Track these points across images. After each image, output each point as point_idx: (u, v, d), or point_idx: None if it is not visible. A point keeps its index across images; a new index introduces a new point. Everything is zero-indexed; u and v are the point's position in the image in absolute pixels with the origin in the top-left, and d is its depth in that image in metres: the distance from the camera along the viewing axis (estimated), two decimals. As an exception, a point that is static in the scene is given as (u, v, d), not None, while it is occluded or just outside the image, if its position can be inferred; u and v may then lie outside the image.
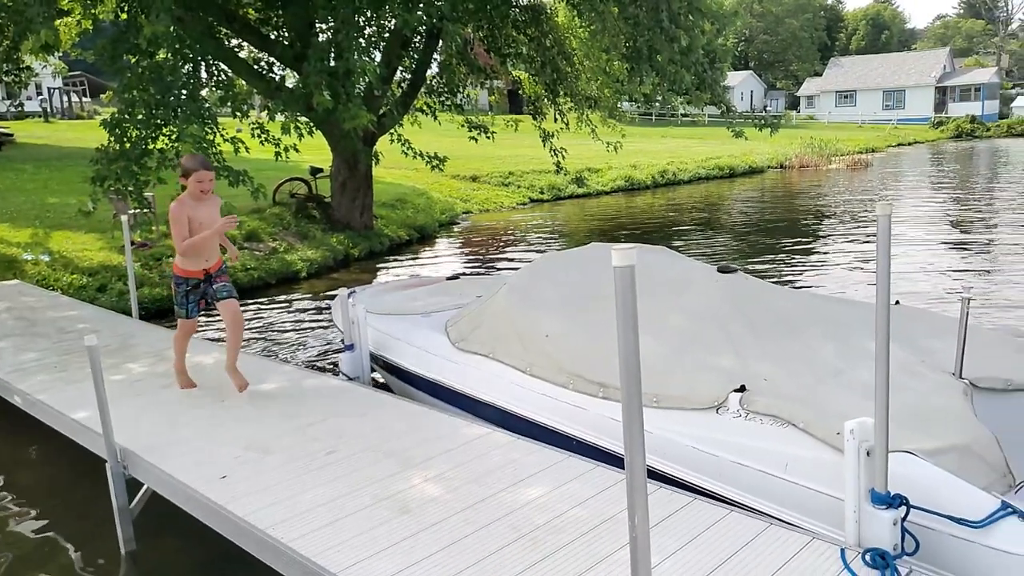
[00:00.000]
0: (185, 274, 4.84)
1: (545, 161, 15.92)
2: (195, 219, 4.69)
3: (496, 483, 3.59)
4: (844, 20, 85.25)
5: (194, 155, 4.75)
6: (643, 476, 1.96)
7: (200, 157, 4.76)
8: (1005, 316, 8.10)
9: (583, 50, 13.71)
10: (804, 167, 30.47)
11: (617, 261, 1.90)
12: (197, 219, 4.70)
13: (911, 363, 3.81)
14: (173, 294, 4.96)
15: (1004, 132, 52.78)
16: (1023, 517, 2.81)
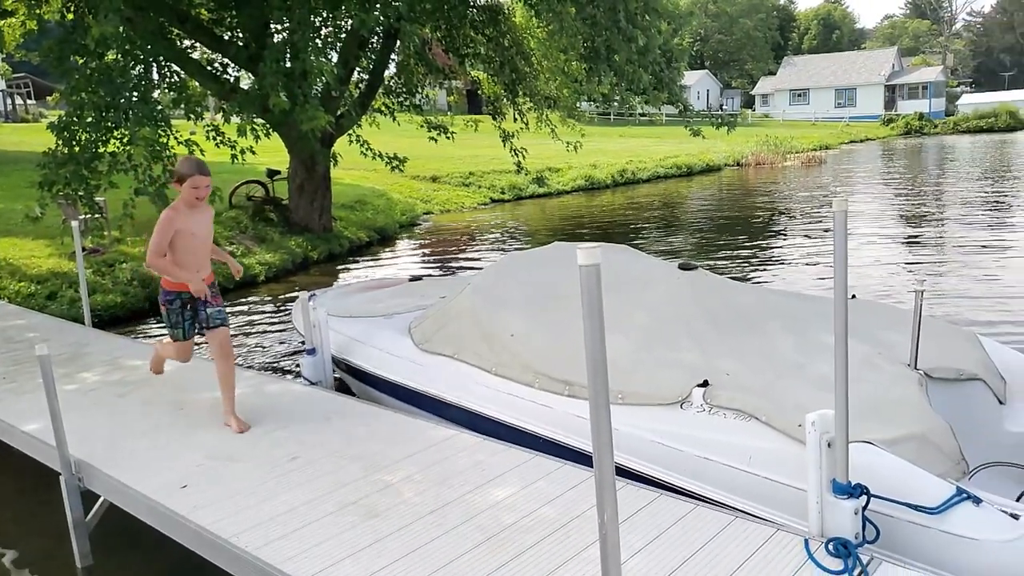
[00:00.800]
0: (177, 288, 4.34)
1: (505, 161, 15.95)
2: (186, 230, 4.24)
3: (463, 485, 3.58)
4: (796, 20, 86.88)
5: (189, 158, 4.30)
6: (611, 473, 1.97)
7: (196, 160, 4.28)
8: (956, 307, 8.33)
9: (541, 50, 13.74)
10: (760, 165, 30.97)
11: (583, 260, 1.91)
12: (188, 230, 4.26)
13: (868, 355, 3.90)
14: (163, 313, 4.42)
15: (951, 129, 54.32)
16: (977, 502, 2.89)
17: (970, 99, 61.95)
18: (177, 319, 4.41)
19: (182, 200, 4.26)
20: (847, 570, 2.72)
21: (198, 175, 4.20)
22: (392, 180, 19.70)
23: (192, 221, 4.26)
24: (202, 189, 4.22)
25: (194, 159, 4.27)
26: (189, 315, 4.42)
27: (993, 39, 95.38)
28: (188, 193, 4.21)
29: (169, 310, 4.39)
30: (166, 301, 4.39)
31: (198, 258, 4.37)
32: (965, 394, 3.93)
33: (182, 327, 4.44)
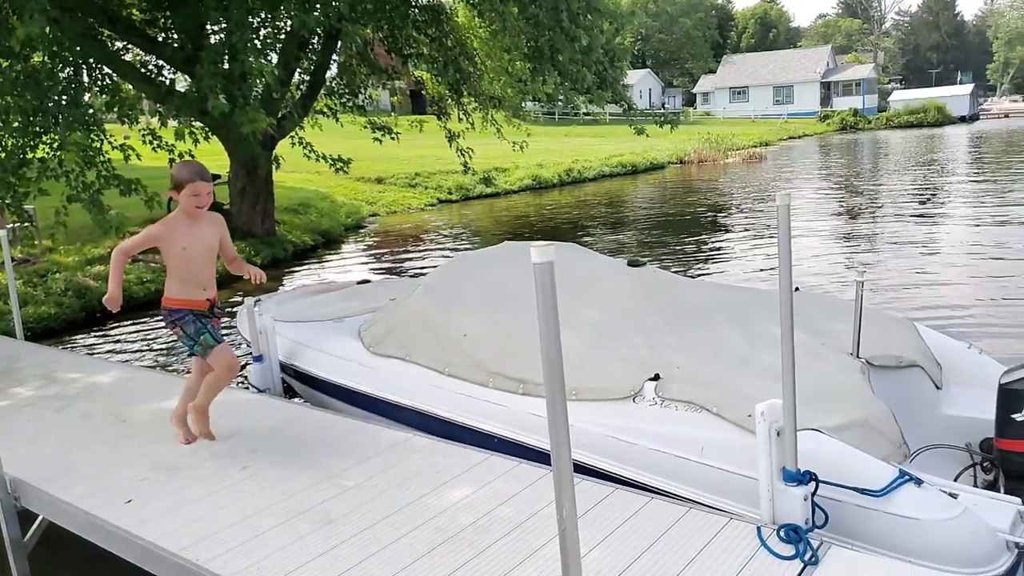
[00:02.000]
0: (187, 304, 3.95)
1: (452, 161, 15.91)
2: (177, 241, 3.81)
3: (419, 487, 3.55)
4: (734, 19, 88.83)
5: (188, 162, 3.90)
6: (569, 469, 1.97)
7: (195, 164, 3.88)
8: (894, 296, 8.61)
9: (485, 50, 13.72)
10: (703, 162, 31.55)
11: (536, 258, 1.91)
12: (180, 242, 3.82)
13: (813, 345, 4.00)
14: (179, 335, 3.95)
15: (884, 124, 56.27)
16: (918, 483, 2.98)
17: (900, 95, 64.23)
18: (197, 325, 3.95)
19: (181, 211, 3.87)
20: (798, 555, 2.78)
21: (199, 181, 3.80)
22: (336, 182, 19.47)
23: (187, 234, 3.85)
24: (203, 196, 3.83)
25: (193, 163, 3.90)
26: (207, 322, 3.99)
27: (920, 38, 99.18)
28: (188, 202, 3.81)
29: (184, 326, 3.93)
30: (176, 320, 3.91)
31: (198, 275, 3.93)
32: (904, 380, 4.06)
33: (207, 331, 3.97)
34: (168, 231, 3.83)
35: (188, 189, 3.79)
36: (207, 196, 3.84)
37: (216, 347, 3.97)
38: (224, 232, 4.09)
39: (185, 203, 3.83)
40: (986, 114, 63.39)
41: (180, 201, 3.83)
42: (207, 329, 3.95)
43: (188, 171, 3.81)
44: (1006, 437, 3.42)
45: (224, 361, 4.00)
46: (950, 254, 10.85)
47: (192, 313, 3.94)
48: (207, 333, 3.95)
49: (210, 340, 3.95)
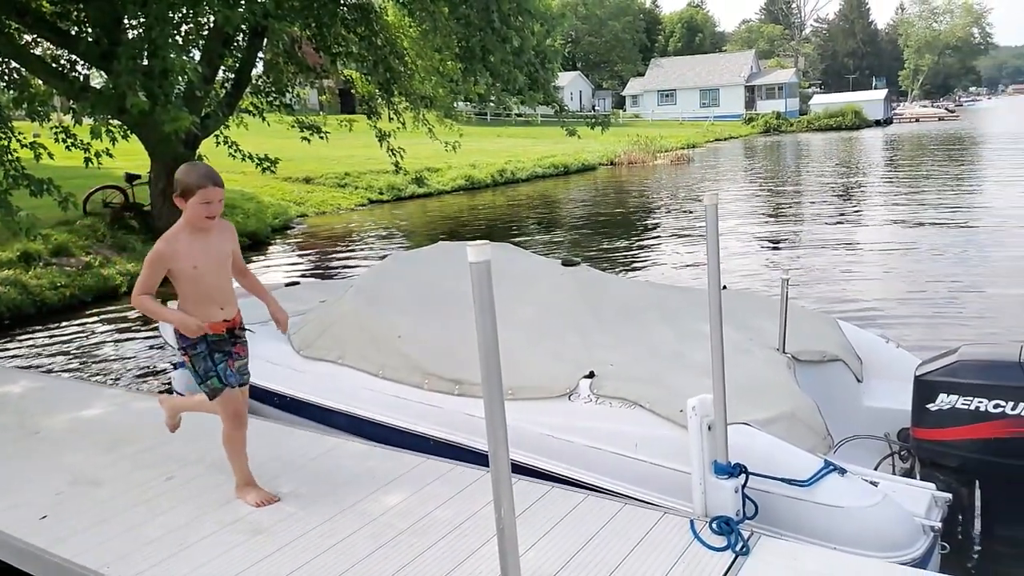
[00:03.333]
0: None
1: (383, 161, 15.71)
2: (187, 257, 3.24)
3: (354, 493, 3.49)
4: (662, 23, 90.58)
5: (196, 165, 3.32)
6: (507, 468, 1.97)
7: (204, 167, 3.29)
8: (818, 293, 8.92)
9: (415, 49, 13.60)
10: (632, 163, 32.05)
11: (473, 257, 1.90)
12: (191, 258, 3.25)
13: (740, 342, 4.11)
14: (188, 365, 3.40)
15: (805, 127, 58.33)
16: (842, 473, 3.09)
17: (820, 99, 66.70)
18: (208, 364, 3.35)
19: (186, 221, 3.26)
20: (730, 546, 2.85)
21: (210, 186, 3.19)
22: (263, 182, 18.99)
23: (196, 249, 3.27)
24: (215, 204, 3.23)
25: (202, 166, 3.29)
26: (222, 357, 3.39)
27: (838, 44, 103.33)
28: (196, 211, 3.21)
29: (194, 358, 3.35)
30: (189, 345, 3.34)
31: (214, 293, 3.36)
32: (828, 374, 4.21)
33: (216, 373, 3.36)
34: (172, 248, 3.23)
35: (198, 196, 3.17)
36: (219, 204, 3.25)
37: (223, 391, 3.39)
38: (236, 242, 3.52)
39: (193, 213, 3.22)
40: (899, 118, 66.38)
41: (186, 211, 3.22)
42: (216, 371, 3.36)
43: (197, 175, 3.21)
44: (921, 426, 3.58)
45: (229, 409, 3.41)
46: (868, 253, 11.32)
47: (207, 342, 3.34)
48: (215, 376, 3.36)
49: (216, 384, 3.37)
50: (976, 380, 3.41)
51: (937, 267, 10.03)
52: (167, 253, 3.23)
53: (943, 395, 3.48)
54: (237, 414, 3.44)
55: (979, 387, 3.39)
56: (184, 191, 3.20)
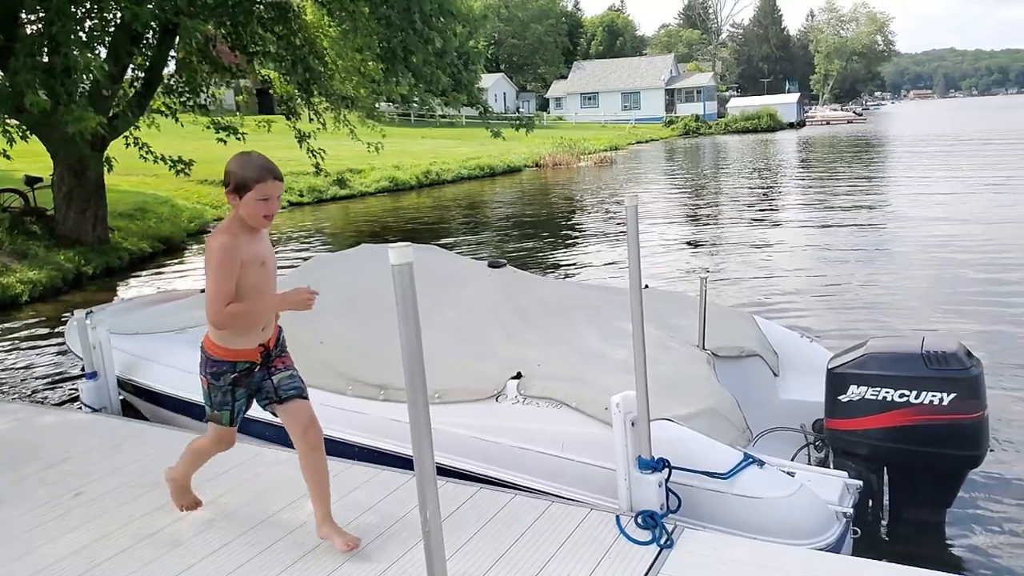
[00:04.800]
0: (233, 356, 2.87)
1: (303, 162, 15.39)
2: (253, 261, 2.78)
3: (276, 502, 3.40)
4: (583, 26, 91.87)
5: (250, 156, 2.81)
6: (432, 472, 1.95)
7: (261, 158, 2.80)
8: (736, 291, 9.20)
9: (336, 49, 13.36)
10: (557, 165, 32.40)
11: (394, 259, 1.87)
12: (256, 259, 2.80)
13: (662, 339, 4.20)
14: (204, 388, 2.96)
15: (723, 130, 60.24)
16: (760, 465, 3.19)
17: (737, 102, 69.00)
18: (226, 398, 2.93)
19: (238, 221, 2.78)
20: (655, 540, 2.90)
21: (270, 180, 2.75)
22: (177, 185, 18.35)
23: (252, 250, 2.78)
24: (273, 201, 2.78)
25: (257, 156, 2.81)
26: (243, 393, 2.96)
27: (752, 49, 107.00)
28: (254, 209, 2.74)
29: (214, 386, 2.92)
30: (212, 373, 2.89)
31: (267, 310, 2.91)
32: (746, 369, 4.34)
33: (230, 409, 2.96)
34: (239, 243, 2.75)
35: (256, 191, 2.72)
36: (278, 201, 2.81)
37: (223, 428, 3.01)
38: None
39: (250, 211, 2.74)
40: (811, 121, 69.27)
41: (241, 208, 2.74)
42: (231, 408, 2.95)
43: (254, 167, 2.75)
44: (834, 417, 3.73)
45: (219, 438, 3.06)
46: (784, 251, 11.74)
47: (235, 369, 2.88)
48: (228, 412, 2.95)
49: (225, 420, 2.97)
50: (882, 372, 3.57)
51: (848, 263, 10.50)
52: (236, 244, 2.71)
53: (853, 387, 3.63)
54: (227, 443, 3.09)
55: (885, 378, 3.55)
56: (238, 185, 2.73)
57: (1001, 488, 4.30)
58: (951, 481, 3.71)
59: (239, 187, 2.73)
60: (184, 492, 3.30)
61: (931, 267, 9.94)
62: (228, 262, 2.68)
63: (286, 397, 2.95)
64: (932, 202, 15.86)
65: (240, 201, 2.73)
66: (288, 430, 2.97)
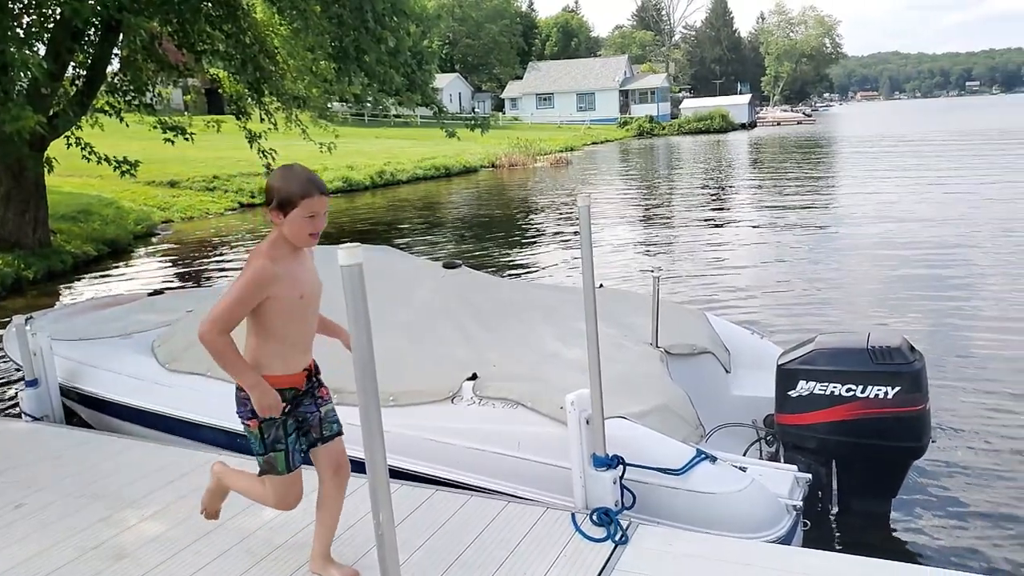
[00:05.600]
0: (277, 383, 2.56)
1: (254, 163, 15.14)
2: (293, 284, 2.52)
3: (228, 509, 3.32)
4: (538, 27, 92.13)
5: (293, 167, 2.56)
6: (385, 474, 1.93)
7: (304, 170, 2.55)
8: (688, 289, 9.32)
9: (287, 48, 13.16)
10: (513, 166, 32.45)
11: (344, 260, 1.85)
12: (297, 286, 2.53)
13: (616, 338, 4.23)
14: (253, 432, 2.59)
15: (676, 130, 61.03)
16: (713, 460, 3.24)
17: (690, 103, 69.92)
18: (278, 436, 2.58)
19: (281, 239, 2.53)
20: (609, 536, 2.93)
21: (317, 195, 2.50)
22: (123, 187, 17.89)
23: (297, 274, 2.54)
24: (320, 218, 2.54)
25: (300, 169, 2.55)
26: (293, 427, 2.63)
27: (705, 50, 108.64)
28: (300, 227, 2.50)
29: (267, 422, 2.56)
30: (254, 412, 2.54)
31: (307, 335, 2.65)
32: (698, 366, 4.40)
33: (286, 450, 2.60)
34: (278, 272, 2.48)
35: (301, 208, 2.48)
36: (324, 217, 2.57)
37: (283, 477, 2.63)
38: None
39: (295, 229, 2.50)
40: (762, 122, 70.58)
41: (285, 226, 2.50)
42: (286, 445, 2.60)
43: (298, 181, 2.50)
44: (784, 412, 3.80)
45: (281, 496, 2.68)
46: (735, 250, 11.94)
47: (284, 400, 2.59)
48: (282, 452, 2.59)
49: (280, 463, 2.60)
50: (830, 367, 3.66)
51: (797, 261, 10.72)
52: (272, 275, 2.45)
53: (802, 382, 3.71)
54: (284, 503, 2.71)
55: (833, 373, 3.64)
56: (282, 202, 2.48)
57: (942, 477, 4.44)
58: (896, 472, 3.82)
59: (283, 204, 2.48)
60: (217, 499, 3.01)
61: (876, 264, 10.22)
62: (254, 290, 2.44)
63: (329, 435, 2.69)
64: (877, 201, 16.30)
65: (284, 219, 2.49)
66: (318, 465, 2.71)
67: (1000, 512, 4.08)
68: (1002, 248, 10.65)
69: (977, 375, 6.00)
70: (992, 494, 4.27)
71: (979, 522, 4.00)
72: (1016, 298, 8.17)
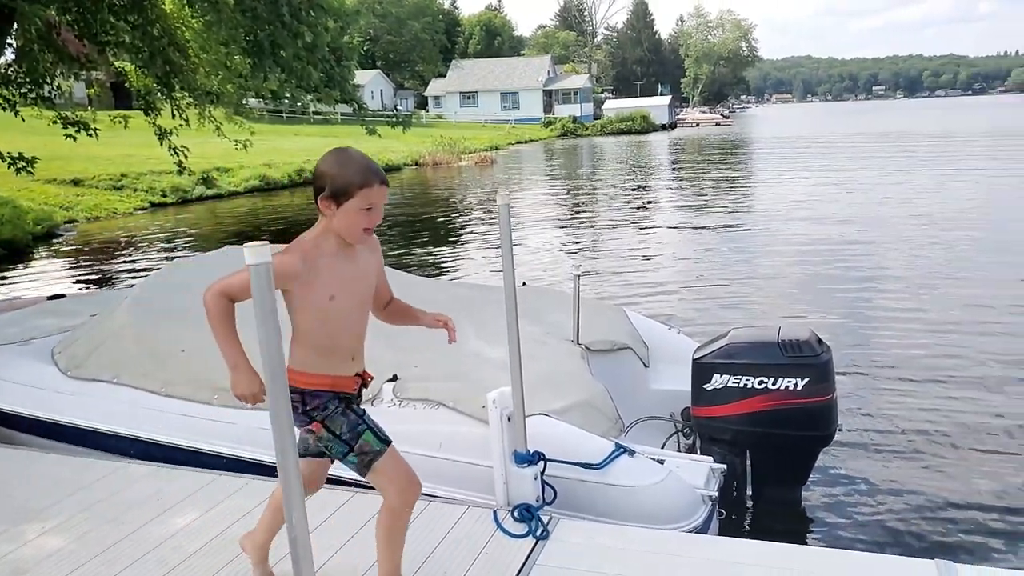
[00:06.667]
0: (331, 384, 2.34)
1: (164, 161, 14.52)
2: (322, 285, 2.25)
3: (137, 518, 3.21)
4: (461, 25, 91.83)
5: (347, 151, 2.28)
6: (297, 476, 1.89)
7: (362, 156, 2.27)
8: (608, 286, 9.47)
9: (199, 42, 12.66)
10: (438, 164, 32.30)
11: (251, 259, 1.79)
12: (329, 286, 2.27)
13: (538, 335, 4.25)
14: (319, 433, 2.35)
15: (599, 131, 61.87)
16: (631, 454, 3.30)
17: (613, 104, 71.00)
18: (351, 419, 2.36)
19: (329, 231, 2.28)
20: (531, 532, 2.94)
21: (377, 184, 2.23)
22: (19, 185, 16.92)
23: (340, 273, 2.29)
24: (377, 211, 2.27)
25: (358, 154, 2.27)
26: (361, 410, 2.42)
27: (626, 52, 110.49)
28: (354, 220, 2.24)
29: (332, 419, 2.34)
30: (316, 407, 2.33)
31: (348, 338, 2.37)
32: (618, 362, 4.47)
33: (365, 424, 2.38)
34: (309, 267, 2.22)
35: (360, 198, 2.21)
36: (381, 211, 2.29)
37: (385, 453, 2.37)
38: (382, 258, 2.55)
39: (349, 223, 2.24)
40: (682, 123, 72.27)
41: (337, 218, 2.23)
42: (365, 423, 2.37)
43: (358, 168, 2.22)
44: (699, 405, 3.90)
45: (402, 477, 2.42)
46: (654, 248, 12.21)
47: (337, 398, 2.35)
48: (368, 430, 2.36)
49: (374, 441, 2.35)
50: (743, 360, 3.77)
51: (714, 259, 11.04)
52: (298, 271, 2.20)
53: (716, 375, 3.82)
54: (409, 486, 2.43)
55: (745, 366, 3.75)
56: (337, 191, 2.19)
57: (849, 461, 4.65)
58: (806, 459, 3.97)
59: (338, 193, 2.19)
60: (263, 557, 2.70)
61: (788, 260, 10.62)
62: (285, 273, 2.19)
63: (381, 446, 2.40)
64: (790, 200, 16.94)
65: (337, 210, 2.21)
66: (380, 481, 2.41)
67: (904, 491, 4.32)
68: (903, 244, 11.24)
69: (879, 364, 6.31)
70: (896, 474, 4.51)
71: (885, 503, 4.21)
72: (915, 291, 8.63)
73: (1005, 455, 4.71)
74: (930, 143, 34.87)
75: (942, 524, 4.00)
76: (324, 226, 2.27)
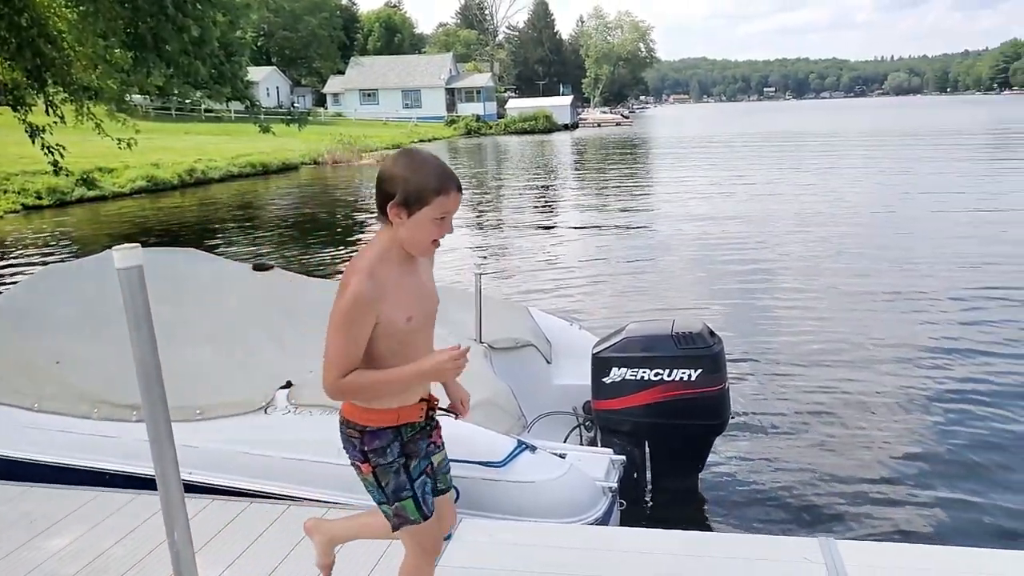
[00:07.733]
0: (394, 419, 2.06)
1: (39, 160, 13.62)
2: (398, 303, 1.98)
3: (8, 542, 2.99)
4: (360, 21, 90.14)
5: (419, 154, 2.06)
6: (178, 489, 1.80)
7: (437, 160, 2.03)
8: (510, 284, 9.52)
9: (74, 34, 11.93)
10: (337, 163, 31.64)
11: (120, 263, 1.69)
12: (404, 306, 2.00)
13: (442, 335, 4.18)
14: (369, 477, 2.09)
15: (503, 130, 62.11)
16: (533, 450, 3.31)
17: (515, 104, 71.43)
18: (401, 481, 2.08)
19: (393, 242, 2.02)
20: (433, 534, 2.90)
21: (454, 191, 1.99)
22: None
23: (407, 291, 2.02)
24: (449, 221, 2.02)
25: (433, 159, 2.04)
26: (420, 467, 2.12)
27: (528, 51, 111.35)
28: (426, 230, 1.99)
29: (382, 467, 2.06)
30: (375, 449, 2.05)
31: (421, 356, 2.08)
32: (520, 359, 4.49)
33: (412, 493, 2.09)
34: (380, 289, 1.95)
35: (435, 206, 1.96)
36: (451, 221, 2.05)
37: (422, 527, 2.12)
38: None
39: (419, 233, 1.99)
40: (584, 123, 73.43)
41: (407, 228, 1.98)
42: (412, 490, 2.08)
43: (434, 172, 1.98)
44: (600, 398, 3.96)
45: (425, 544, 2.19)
46: (556, 247, 12.37)
47: (400, 439, 2.07)
48: (411, 499, 2.08)
49: (412, 511, 2.09)
50: (639, 353, 3.85)
51: (614, 256, 11.28)
52: (374, 295, 1.93)
53: (615, 369, 3.89)
54: (434, 549, 2.23)
55: (642, 359, 3.84)
56: (410, 198, 1.95)
57: (743, 448, 4.84)
58: (701, 448, 4.10)
59: (411, 200, 1.95)
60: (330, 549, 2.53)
61: (683, 257, 11.00)
62: (359, 319, 1.92)
63: (441, 489, 2.23)
64: (686, 199, 17.52)
65: (408, 219, 1.96)
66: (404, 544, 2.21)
67: (794, 470, 4.54)
68: (792, 240, 11.81)
69: (770, 352, 6.61)
70: (787, 455, 4.75)
71: (778, 483, 4.41)
72: (802, 282, 9.09)
73: (885, 430, 5.05)
74: (817, 142, 36.92)
75: (828, 499, 4.23)
76: (389, 237, 2.02)
